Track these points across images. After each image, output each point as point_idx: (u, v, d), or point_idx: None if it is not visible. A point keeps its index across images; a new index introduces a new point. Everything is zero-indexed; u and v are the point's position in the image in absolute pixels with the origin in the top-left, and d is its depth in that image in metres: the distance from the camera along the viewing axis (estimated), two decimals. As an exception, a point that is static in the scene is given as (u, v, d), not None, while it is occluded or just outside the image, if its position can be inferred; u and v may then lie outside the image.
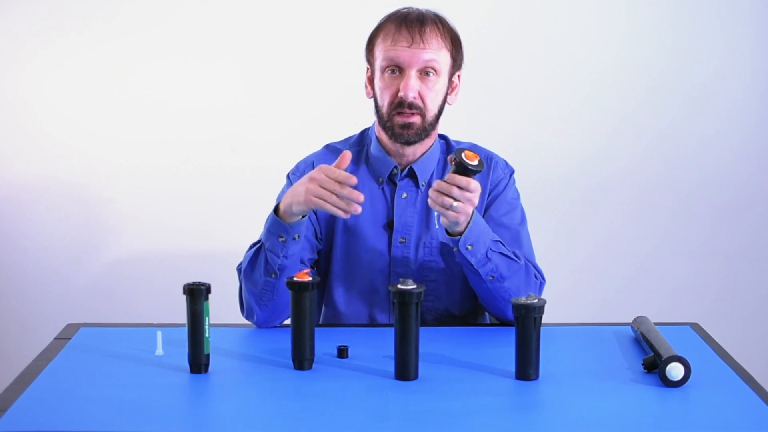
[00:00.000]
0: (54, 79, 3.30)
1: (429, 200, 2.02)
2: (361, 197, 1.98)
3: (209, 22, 3.30)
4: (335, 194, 1.97)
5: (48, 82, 3.30)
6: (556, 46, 3.33)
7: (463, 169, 1.99)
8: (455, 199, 1.98)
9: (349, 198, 1.97)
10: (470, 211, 2.03)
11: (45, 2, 3.26)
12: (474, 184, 1.99)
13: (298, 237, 2.09)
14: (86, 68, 3.30)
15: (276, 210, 2.09)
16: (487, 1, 3.32)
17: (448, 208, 1.99)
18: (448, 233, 2.09)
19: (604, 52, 3.34)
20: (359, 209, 1.98)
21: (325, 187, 1.97)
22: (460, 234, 2.06)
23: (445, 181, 1.99)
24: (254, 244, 2.16)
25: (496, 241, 2.13)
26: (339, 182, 1.96)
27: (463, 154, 1.99)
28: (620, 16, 3.33)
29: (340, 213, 1.98)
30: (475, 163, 1.99)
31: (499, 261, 2.12)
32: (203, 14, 3.30)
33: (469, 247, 2.08)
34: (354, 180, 1.97)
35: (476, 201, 2.01)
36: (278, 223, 2.08)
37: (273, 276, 2.10)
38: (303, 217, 2.09)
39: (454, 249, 2.10)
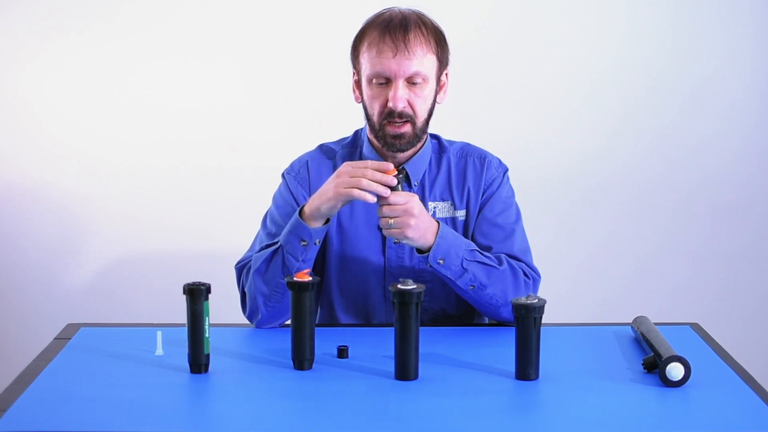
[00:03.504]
0: (54, 79, 3.30)
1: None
2: (394, 181, 2.02)
3: (209, 23, 3.30)
4: (365, 178, 2.01)
5: (48, 82, 3.30)
6: (556, 46, 3.33)
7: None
8: (391, 218, 2.03)
9: (381, 180, 2.01)
10: (411, 222, 2.02)
11: (45, 2, 3.26)
12: (400, 196, 2.02)
13: (319, 242, 2.11)
14: (86, 68, 3.30)
15: (300, 213, 2.10)
16: (487, 1, 3.32)
17: (390, 228, 2.03)
18: (418, 251, 2.10)
19: (604, 52, 3.34)
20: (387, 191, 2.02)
21: (353, 176, 2.01)
22: (429, 250, 2.07)
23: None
24: (268, 245, 2.16)
25: (472, 250, 2.13)
26: (367, 168, 2.02)
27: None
28: (620, 16, 3.33)
29: (368, 197, 2.01)
30: (393, 174, 2.04)
31: (476, 270, 2.11)
32: (203, 14, 3.30)
33: (441, 261, 2.08)
34: (390, 166, 2.03)
35: (414, 208, 2.02)
36: (302, 226, 2.09)
37: (287, 278, 2.10)
38: (326, 222, 2.10)
39: (427, 265, 2.10)
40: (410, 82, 2.13)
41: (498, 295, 2.13)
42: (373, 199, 2.02)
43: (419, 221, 2.04)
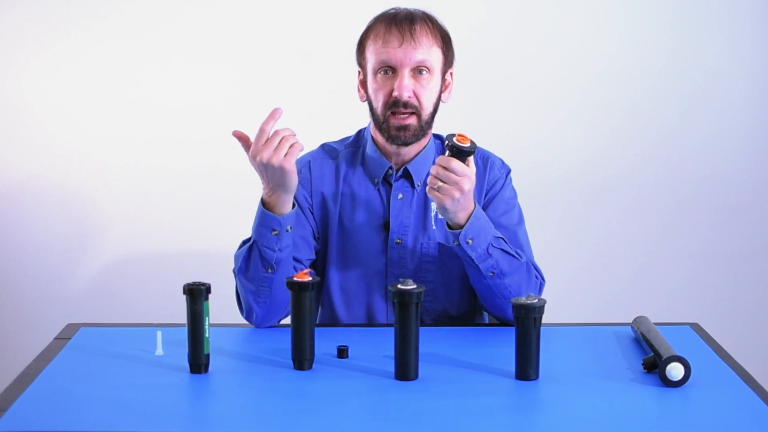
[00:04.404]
0: (54, 79, 3.30)
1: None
2: (278, 111, 2.05)
3: (210, 23, 3.30)
4: (281, 138, 2.02)
5: (48, 82, 3.30)
6: (556, 45, 3.33)
7: (456, 152, 2.01)
8: (442, 181, 2.00)
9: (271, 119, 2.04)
10: (456, 195, 2.01)
11: (46, 3, 3.26)
12: (462, 168, 2.00)
13: (291, 228, 2.10)
14: (86, 68, 3.30)
15: (264, 205, 2.09)
16: (486, 0, 3.32)
17: (435, 189, 2.01)
18: (449, 227, 2.09)
19: (603, 51, 3.34)
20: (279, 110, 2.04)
21: (271, 142, 2.02)
22: (461, 227, 2.06)
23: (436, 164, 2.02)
24: (244, 243, 2.16)
25: (498, 237, 2.13)
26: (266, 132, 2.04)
27: (454, 138, 2.01)
28: (619, 16, 3.33)
29: (299, 142, 2.03)
30: (467, 144, 2.01)
31: (500, 257, 2.11)
32: (204, 14, 3.30)
33: (470, 241, 2.08)
34: (279, 111, 2.05)
35: (466, 186, 2.00)
36: (269, 216, 2.08)
37: (270, 271, 2.10)
38: (293, 207, 2.09)
39: (455, 243, 2.09)
40: (415, 72, 2.14)
41: (513, 287, 2.13)
42: (302, 142, 2.02)
43: (463, 198, 2.02)
